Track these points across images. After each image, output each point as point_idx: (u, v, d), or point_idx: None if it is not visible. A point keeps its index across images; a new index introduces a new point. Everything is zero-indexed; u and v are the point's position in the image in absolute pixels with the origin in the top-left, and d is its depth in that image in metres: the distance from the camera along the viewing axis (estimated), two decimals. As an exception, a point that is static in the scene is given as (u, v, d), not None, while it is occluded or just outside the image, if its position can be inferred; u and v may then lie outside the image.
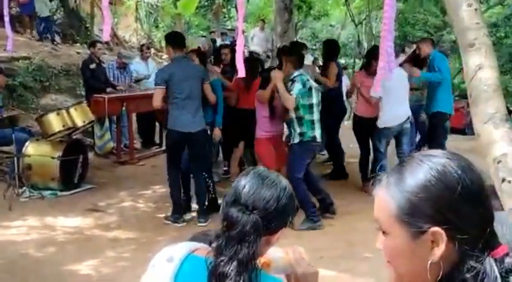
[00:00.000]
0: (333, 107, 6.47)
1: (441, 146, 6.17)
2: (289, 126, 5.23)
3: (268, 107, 5.40)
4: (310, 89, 5.00)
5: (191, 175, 5.45)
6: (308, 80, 5.05)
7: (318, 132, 5.06)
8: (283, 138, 5.64)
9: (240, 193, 1.34)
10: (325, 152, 7.53)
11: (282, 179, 1.40)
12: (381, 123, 5.96)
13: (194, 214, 5.42)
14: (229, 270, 1.23)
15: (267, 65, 8.44)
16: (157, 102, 5.07)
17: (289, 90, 4.94)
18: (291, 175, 4.84)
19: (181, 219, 5.24)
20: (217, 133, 5.77)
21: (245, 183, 1.35)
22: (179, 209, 5.28)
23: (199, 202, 5.32)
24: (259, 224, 1.28)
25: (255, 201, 1.31)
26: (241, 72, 4.67)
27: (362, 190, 6.07)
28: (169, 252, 1.35)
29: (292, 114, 5.02)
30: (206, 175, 5.42)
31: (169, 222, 5.23)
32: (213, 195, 5.49)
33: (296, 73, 5.02)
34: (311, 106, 5.01)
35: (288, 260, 1.47)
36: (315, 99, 5.04)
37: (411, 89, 6.35)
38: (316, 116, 5.04)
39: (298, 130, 5.01)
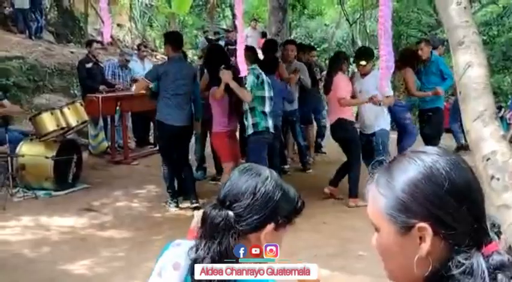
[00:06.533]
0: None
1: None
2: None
3: (229, 104, 5.38)
4: (262, 82, 5.24)
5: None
6: (261, 73, 5.28)
7: (270, 123, 5.27)
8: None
9: (220, 190, 1.32)
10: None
11: (263, 171, 1.32)
12: None
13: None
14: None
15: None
16: (137, 91, 5.93)
17: (244, 83, 5.16)
18: None
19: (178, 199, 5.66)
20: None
21: (228, 180, 1.32)
22: (176, 195, 5.69)
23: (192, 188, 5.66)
24: (230, 219, 1.24)
25: (229, 196, 1.28)
26: (243, 71, 4.69)
27: None
28: (175, 257, 1.31)
29: (246, 106, 5.22)
30: None
31: (169, 205, 5.64)
32: None
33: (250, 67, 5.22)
34: (263, 99, 5.23)
35: None
36: (267, 92, 5.28)
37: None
38: (268, 108, 5.26)
39: (251, 121, 5.21)
